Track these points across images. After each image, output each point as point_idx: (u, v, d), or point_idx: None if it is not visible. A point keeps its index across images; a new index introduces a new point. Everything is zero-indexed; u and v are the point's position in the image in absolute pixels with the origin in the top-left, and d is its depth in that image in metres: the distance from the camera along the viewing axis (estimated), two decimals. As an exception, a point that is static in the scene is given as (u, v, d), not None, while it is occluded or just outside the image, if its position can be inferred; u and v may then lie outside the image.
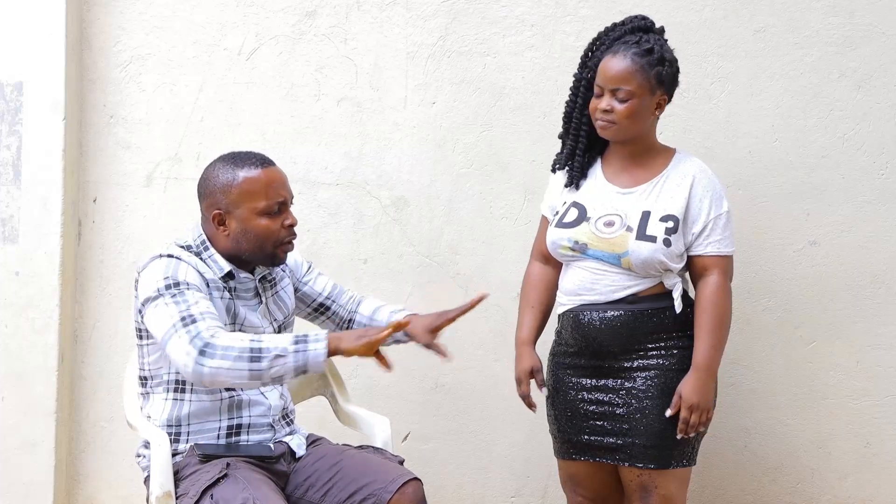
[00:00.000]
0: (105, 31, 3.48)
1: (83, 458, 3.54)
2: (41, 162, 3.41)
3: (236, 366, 2.38)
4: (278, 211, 2.60)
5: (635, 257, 2.73)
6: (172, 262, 2.55)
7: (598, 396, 2.80)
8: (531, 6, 3.41)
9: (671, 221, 2.75)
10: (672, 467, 2.76)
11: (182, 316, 2.44)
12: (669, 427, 2.74)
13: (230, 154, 2.66)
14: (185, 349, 2.40)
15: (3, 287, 3.42)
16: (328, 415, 3.00)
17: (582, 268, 2.81)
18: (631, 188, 2.81)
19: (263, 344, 2.40)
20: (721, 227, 2.78)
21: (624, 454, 2.77)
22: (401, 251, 3.47)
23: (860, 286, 3.34)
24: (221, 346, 2.39)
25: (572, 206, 2.85)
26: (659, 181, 2.80)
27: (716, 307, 2.76)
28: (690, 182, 2.78)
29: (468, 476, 3.49)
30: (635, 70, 2.72)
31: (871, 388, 3.36)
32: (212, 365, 2.38)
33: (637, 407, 2.76)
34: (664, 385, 2.75)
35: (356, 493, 2.53)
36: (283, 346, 2.39)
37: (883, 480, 3.38)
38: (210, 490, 2.45)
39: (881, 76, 3.31)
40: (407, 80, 3.45)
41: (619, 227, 2.76)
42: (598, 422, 2.80)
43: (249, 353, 2.38)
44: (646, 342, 2.78)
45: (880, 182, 3.33)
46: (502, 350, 3.44)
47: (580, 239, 2.79)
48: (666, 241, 2.73)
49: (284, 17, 3.46)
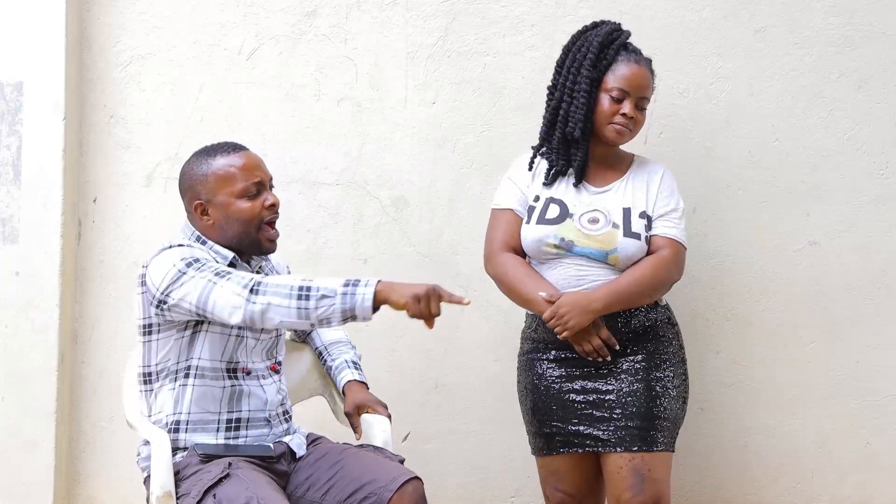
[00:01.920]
0: (105, 31, 3.48)
1: (83, 458, 3.53)
2: (41, 162, 3.40)
3: (286, 302, 2.40)
4: (257, 192, 2.63)
5: (623, 254, 2.81)
6: (184, 248, 2.57)
7: (585, 385, 2.84)
8: (531, 6, 3.41)
9: (646, 219, 2.84)
10: (659, 450, 2.80)
11: (216, 272, 2.47)
12: (656, 408, 2.81)
13: (202, 148, 2.71)
14: (234, 290, 2.42)
15: (3, 287, 3.41)
16: (328, 415, 3.00)
17: (566, 265, 2.85)
18: (604, 186, 2.89)
19: (313, 283, 2.41)
20: (676, 218, 2.88)
21: (616, 440, 2.79)
22: (401, 251, 3.47)
23: (860, 286, 3.35)
24: (272, 283, 2.42)
25: (551, 203, 2.88)
26: (627, 179, 2.90)
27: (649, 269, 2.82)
28: (659, 179, 2.90)
29: (468, 476, 3.49)
30: (650, 80, 2.89)
31: (871, 388, 3.36)
32: (263, 301, 2.40)
33: (627, 390, 2.81)
34: (651, 370, 2.82)
35: (356, 493, 2.53)
36: (332, 288, 2.40)
37: (883, 480, 3.38)
38: (213, 490, 2.45)
39: (881, 76, 3.31)
40: (407, 80, 3.45)
41: (604, 224, 2.82)
42: (587, 410, 2.83)
43: (298, 290, 2.40)
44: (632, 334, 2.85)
45: (880, 182, 3.33)
46: (502, 350, 3.44)
47: (566, 236, 2.83)
48: (646, 238, 2.84)
49: (284, 17, 3.46)
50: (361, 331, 3.41)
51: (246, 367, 2.64)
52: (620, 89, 2.83)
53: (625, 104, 2.83)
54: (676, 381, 2.88)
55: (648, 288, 2.83)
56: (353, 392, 2.83)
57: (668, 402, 2.84)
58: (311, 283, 2.41)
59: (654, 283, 2.83)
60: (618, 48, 2.87)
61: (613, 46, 2.86)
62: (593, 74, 2.84)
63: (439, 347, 3.47)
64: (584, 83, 2.85)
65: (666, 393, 2.84)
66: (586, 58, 2.85)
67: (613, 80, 2.84)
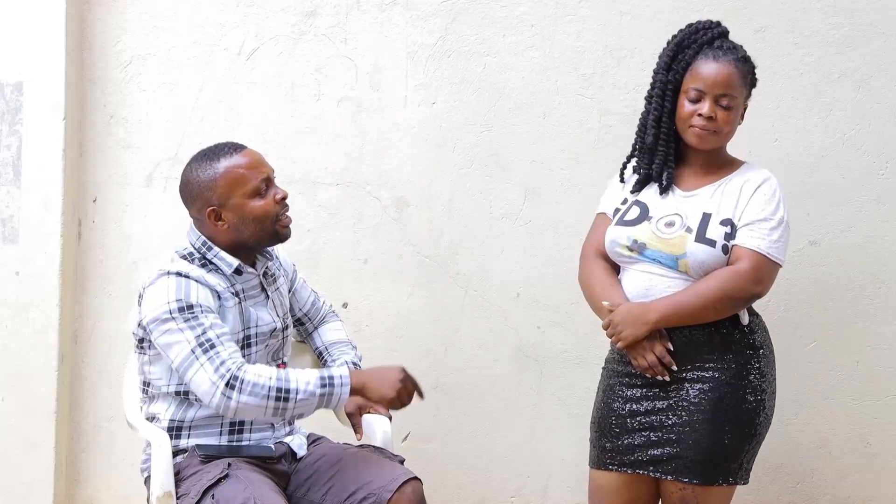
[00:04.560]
0: (105, 32, 3.48)
1: (83, 458, 3.54)
2: (41, 162, 3.40)
3: (263, 403, 2.41)
4: (266, 188, 2.61)
5: (693, 259, 2.62)
6: (182, 281, 2.52)
7: (647, 406, 2.68)
8: (531, 6, 3.41)
9: (729, 227, 2.64)
10: (718, 484, 2.64)
11: (200, 341, 2.44)
12: (719, 443, 2.62)
13: (201, 152, 2.65)
14: (210, 378, 2.41)
15: (3, 287, 3.42)
16: (328, 415, 3.00)
17: (637, 271, 2.70)
18: (694, 191, 2.72)
19: (291, 384, 2.43)
20: (769, 228, 2.64)
21: (669, 467, 2.65)
22: (401, 251, 3.47)
23: (860, 286, 3.35)
24: (250, 381, 2.41)
25: (634, 205, 2.75)
26: (722, 184, 2.70)
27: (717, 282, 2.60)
28: (755, 186, 2.68)
29: (468, 476, 3.49)
30: (740, 77, 2.67)
31: (871, 388, 3.37)
32: (240, 400, 2.40)
33: (687, 420, 2.63)
34: (717, 399, 2.63)
35: (356, 492, 2.53)
36: (311, 391, 2.44)
37: (883, 480, 3.38)
38: (211, 490, 2.45)
39: (881, 76, 3.31)
40: (407, 80, 3.45)
41: (678, 228, 2.66)
42: (645, 433, 2.68)
43: (277, 392, 2.42)
44: (701, 354, 2.65)
45: (880, 182, 3.33)
46: (502, 350, 3.44)
47: (639, 238, 2.68)
48: (724, 247, 2.62)
49: (284, 17, 3.46)
50: (361, 331, 3.42)
51: None
52: (696, 89, 2.65)
53: (702, 104, 2.64)
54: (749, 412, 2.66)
55: (715, 302, 2.60)
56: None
57: (733, 434, 2.63)
58: (289, 385, 2.43)
59: (721, 296, 2.60)
60: (700, 46, 2.68)
61: (695, 46, 2.70)
62: (668, 77, 2.70)
63: (439, 347, 3.47)
64: (658, 87, 2.72)
65: (732, 423, 2.63)
66: (662, 61, 2.73)
67: (690, 80, 2.67)
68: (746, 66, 2.70)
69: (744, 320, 2.68)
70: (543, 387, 3.43)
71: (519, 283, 3.44)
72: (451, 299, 3.46)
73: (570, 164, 3.41)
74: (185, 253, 2.61)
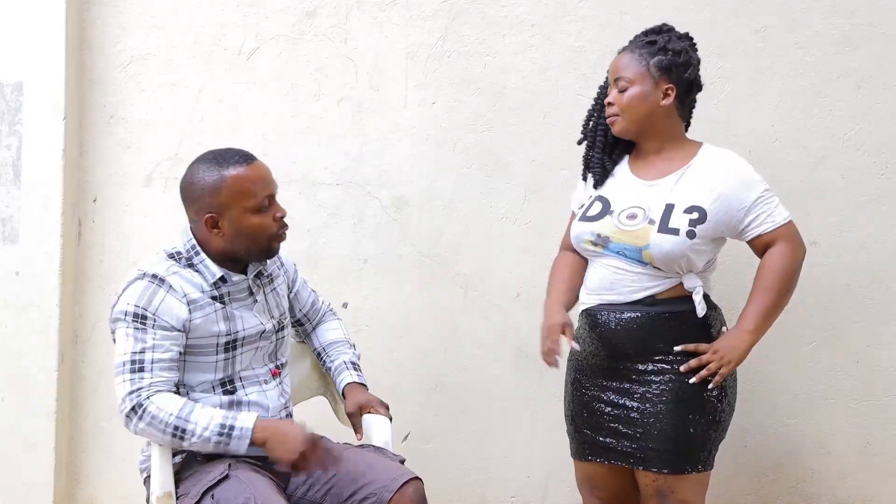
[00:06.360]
0: (105, 32, 3.48)
1: (83, 458, 3.54)
2: (41, 162, 3.41)
3: (159, 436, 2.48)
4: (268, 205, 2.59)
5: (657, 250, 2.66)
6: (151, 287, 2.53)
7: (614, 398, 2.75)
8: (531, 6, 3.41)
9: (696, 213, 2.67)
10: (687, 472, 2.70)
11: (133, 359, 2.50)
12: (684, 432, 2.68)
13: (210, 154, 2.60)
14: (123, 396, 2.48)
15: (3, 287, 3.42)
16: (328, 415, 3.00)
17: (604, 265, 2.76)
18: (655, 180, 2.76)
19: (189, 425, 2.46)
20: (763, 204, 2.71)
21: (638, 458, 2.71)
22: (401, 251, 3.47)
23: (860, 286, 3.35)
24: (150, 413, 2.46)
25: (597, 200, 2.81)
26: (683, 172, 2.74)
27: (773, 271, 2.72)
28: (718, 172, 2.71)
29: (468, 476, 3.50)
30: (633, 59, 2.74)
31: (871, 388, 3.37)
32: (139, 426, 2.48)
33: (652, 411, 2.69)
34: (680, 390, 2.68)
35: (357, 493, 2.53)
36: (206, 436, 2.46)
37: (883, 480, 3.38)
38: (211, 490, 2.45)
39: (881, 76, 3.31)
40: (407, 80, 3.45)
41: (641, 220, 2.70)
42: (613, 424, 2.75)
43: (174, 430, 2.46)
44: (663, 346, 2.70)
45: (880, 182, 3.33)
46: (502, 350, 3.44)
47: (602, 232, 2.74)
48: (690, 232, 2.65)
49: (284, 17, 3.46)
50: (361, 331, 3.42)
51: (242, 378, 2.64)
52: (605, 83, 2.82)
53: (610, 95, 2.77)
54: (712, 399, 2.70)
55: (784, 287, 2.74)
56: (355, 393, 2.83)
57: (697, 423, 2.68)
58: (188, 425, 2.45)
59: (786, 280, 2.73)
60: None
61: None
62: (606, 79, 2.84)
63: (439, 347, 3.47)
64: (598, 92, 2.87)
65: (696, 413, 2.69)
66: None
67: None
68: (647, 49, 2.75)
69: (700, 314, 2.72)
70: (543, 387, 3.43)
71: (519, 283, 3.44)
72: (451, 299, 3.46)
73: (570, 164, 3.40)
74: (172, 252, 2.61)
